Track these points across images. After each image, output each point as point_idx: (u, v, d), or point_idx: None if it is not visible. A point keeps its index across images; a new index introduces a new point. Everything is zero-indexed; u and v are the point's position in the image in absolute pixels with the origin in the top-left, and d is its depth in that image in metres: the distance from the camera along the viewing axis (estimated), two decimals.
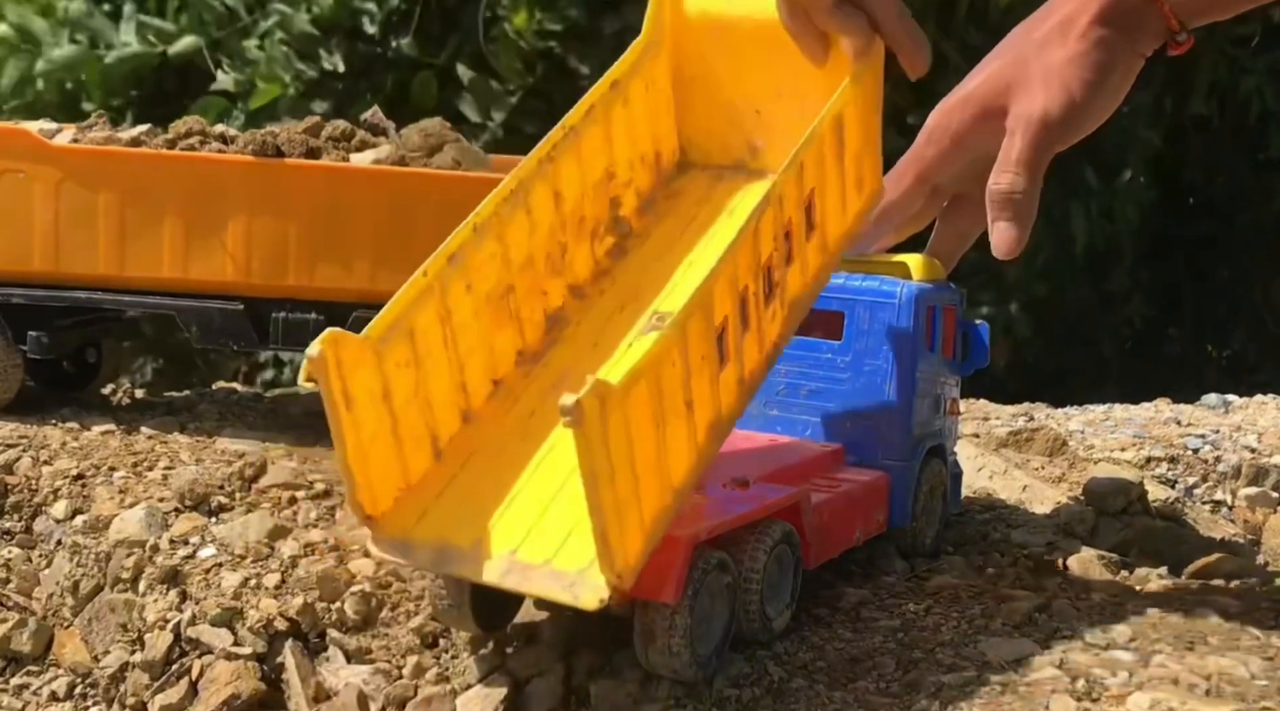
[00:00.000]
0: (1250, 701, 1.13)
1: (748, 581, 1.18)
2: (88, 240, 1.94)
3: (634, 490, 0.99)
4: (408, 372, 1.14)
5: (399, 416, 1.13)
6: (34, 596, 1.67)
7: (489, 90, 3.47)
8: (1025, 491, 1.82)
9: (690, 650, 1.12)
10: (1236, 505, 2.11)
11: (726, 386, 1.13)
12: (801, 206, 1.19)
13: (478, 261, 1.23)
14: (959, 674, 1.22)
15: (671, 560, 1.06)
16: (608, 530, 0.96)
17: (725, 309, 1.09)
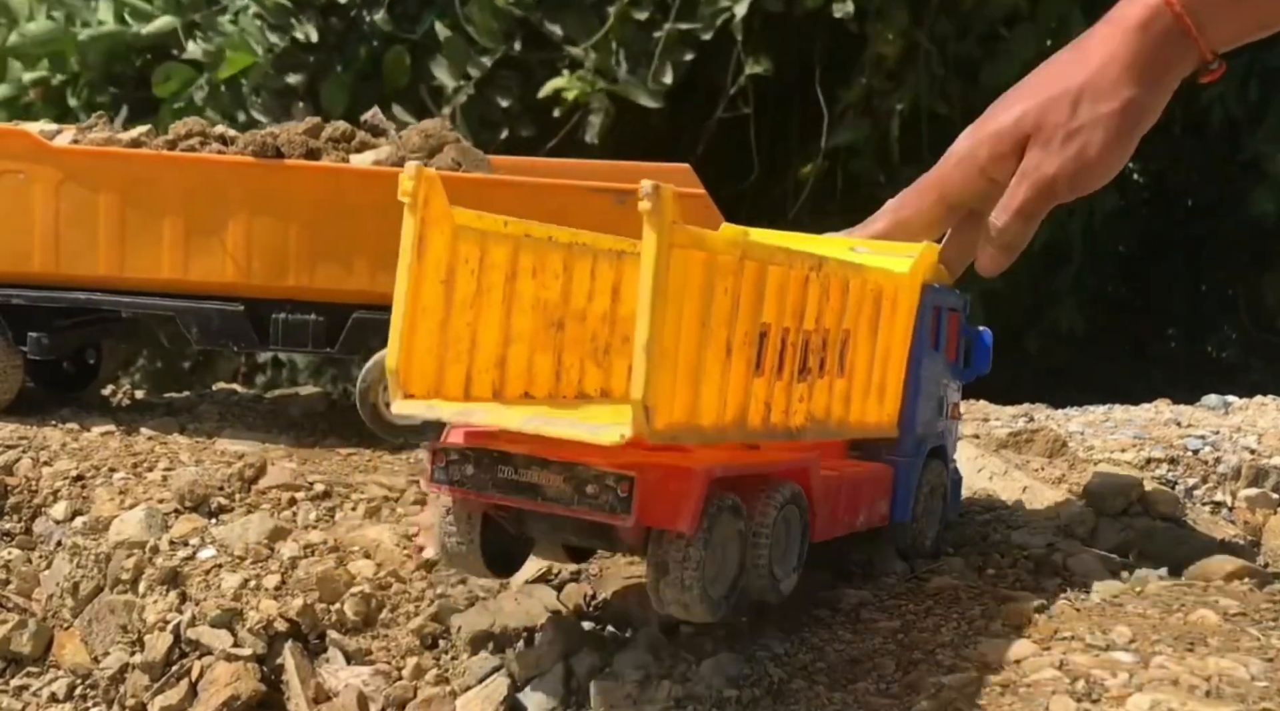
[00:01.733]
0: (1250, 702, 1.13)
1: (758, 534, 1.19)
2: (88, 241, 1.94)
3: (676, 350, 1.02)
4: (469, 279, 1.16)
5: (452, 313, 1.15)
6: (34, 597, 1.66)
7: (464, 50, 3.43)
8: (1025, 492, 1.82)
9: (702, 586, 1.12)
10: (1236, 506, 2.11)
11: (755, 391, 1.15)
12: (839, 329, 1.26)
13: (550, 264, 1.25)
14: (959, 674, 1.22)
15: (688, 490, 1.07)
16: (654, 356, 0.98)
17: (772, 315, 1.13)
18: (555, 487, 1.11)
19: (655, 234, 0.98)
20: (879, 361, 1.34)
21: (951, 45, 3.64)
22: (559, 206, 1.96)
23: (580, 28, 3.43)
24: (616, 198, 1.90)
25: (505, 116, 3.56)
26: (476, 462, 1.13)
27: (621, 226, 1.94)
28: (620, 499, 1.08)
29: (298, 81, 3.59)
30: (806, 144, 3.84)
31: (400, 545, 1.54)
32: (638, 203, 1.02)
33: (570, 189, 1.92)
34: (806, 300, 1.19)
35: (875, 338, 1.33)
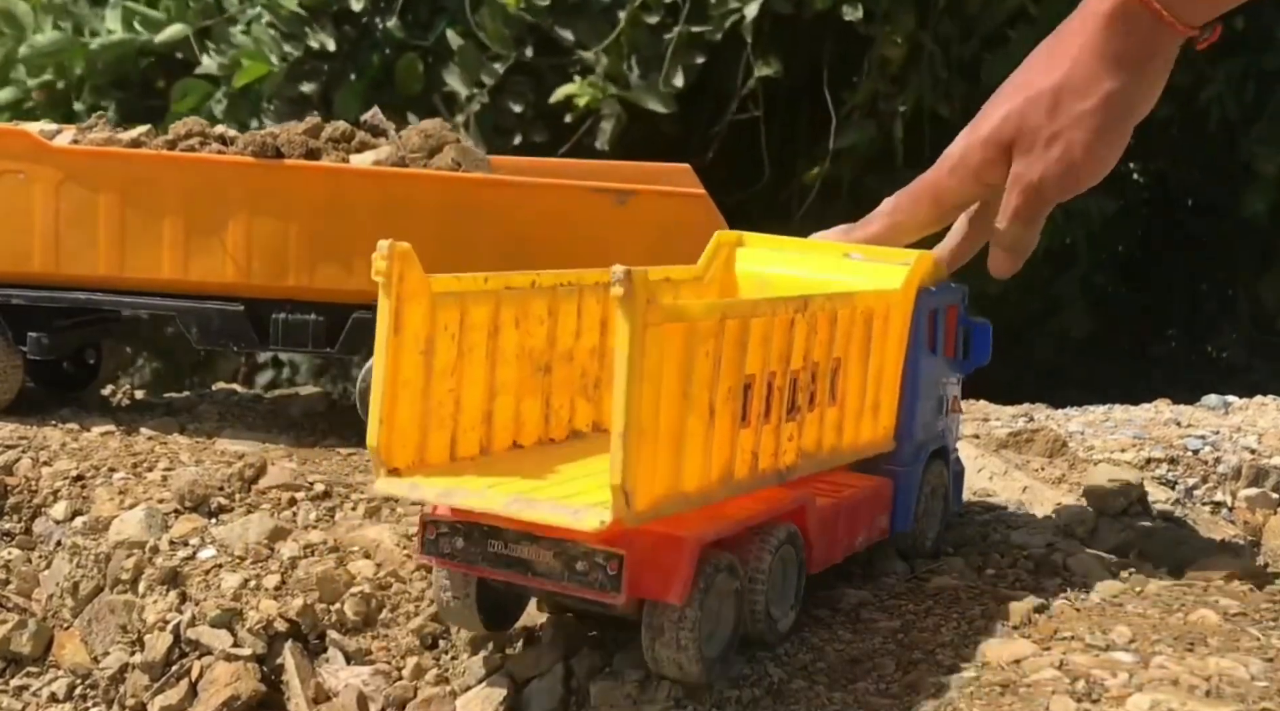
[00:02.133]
0: (1250, 702, 1.13)
1: (754, 582, 1.19)
2: (88, 241, 1.94)
3: (656, 425, 1.01)
4: (449, 345, 1.15)
5: (433, 381, 1.14)
6: (34, 597, 1.67)
7: (477, 58, 3.44)
8: (1025, 492, 1.82)
9: (698, 650, 1.12)
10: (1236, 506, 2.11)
11: (742, 443, 1.15)
12: (829, 360, 1.25)
13: (534, 310, 1.25)
14: (959, 674, 1.22)
15: (679, 561, 1.08)
16: (631, 441, 0.98)
17: (756, 365, 1.13)
18: (545, 563, 1.11)
19: (629, 323, 0.98)
20: (872, 381, 1.34)
21: (955, 47, 3.64)
22: (559, 206, 1.96)
23: (591, 32, 3.43)
24: (617, 198, 1.90)
25: (518, 122, 3.56)
26: (466, 536, 1.14)
27: (622, 226, 1.95)
28: (610, 577, 1.08)
29: (312, 90, 3.59)
30: (814, 147, 3.84)
31: (400, 545, 1.55)
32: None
33: (570, 189, 1.92)
34: (793, 342, 1.19)
35: (868, 360, 1.33)
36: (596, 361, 1.33)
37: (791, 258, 1.48)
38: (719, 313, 1.08)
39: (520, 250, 1.97)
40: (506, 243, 1.97)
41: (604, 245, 1.95)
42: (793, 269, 1.47)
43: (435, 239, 1.97)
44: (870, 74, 3.58)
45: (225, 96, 3.58)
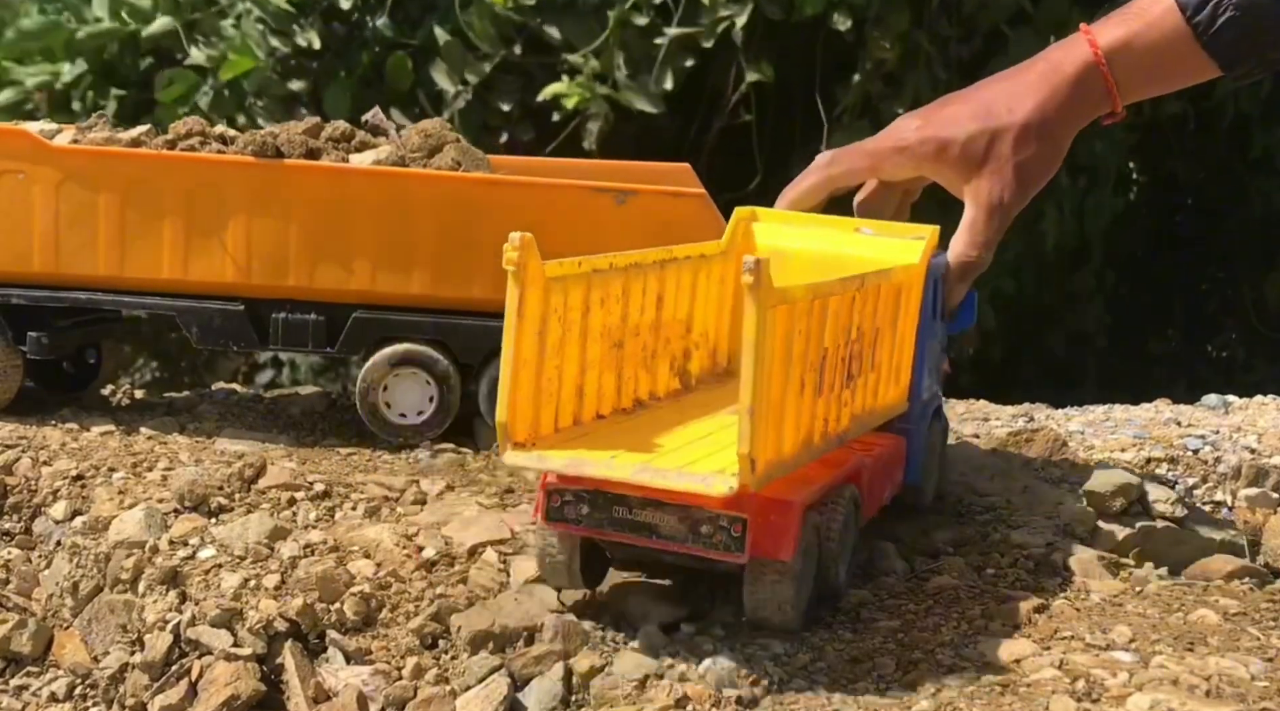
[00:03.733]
0: (1250, 702, 1.13)
1: (827, 539, 1.30)
2: (88, 241, 1.94)
3: (781, 401, 1.14)
4: (557, 326, 1.24)
5: (545, 360, 1.23)
6: (33, 597, 1.67)
7: (462, 55, 3.43)
8: (1025, 492, 1.82)
9: (797, 600, 1.26)
10: (1236, 506, 2.11)
11: (817, 412, 1.26)
12: (872, 331, 1.37)
13: (612, 290, 1.33)
14: (959, 674, 1.22)
15: (789, 523, 1.20)
16: (759, 413, 1.09)
17: (829, 340, 1.24)
18: (670, 527, 1.22)
19: (757, 307, 1.09)
20: (897, 348, 1.45)
21: (954, 47, 3.64)
22: (559, 206, 1.96)
23: (580, 32, 3.43)
24: (617, 198, 1.90)
25: (505, 120, 3.56)
26: (591, 503, 1.24)
27: (622, 226, 1.95)
28: (734, 538, 1.19)
29: (301, 87, 3.59)
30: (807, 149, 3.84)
31: (400, 545, 1.55)
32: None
33: (570, 188, 1.92)
34: (853, 317, 1.31)
35: (895, 329, 1.45)
36: (653, 335, 1.43)
37: (805, 232, 1.57)
38: (811, 293, 1.19)
39: None
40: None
41: (604, 244, 1.95)
42: (808, 243, 1.56)
43: (435, 239, 1.97)
44: (863, 77, 3.58)
45: (211, 89, 3.56)
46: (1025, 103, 1.49)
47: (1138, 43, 1.47)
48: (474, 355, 2.00)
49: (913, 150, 1.53)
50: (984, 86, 1.55)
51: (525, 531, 1.59)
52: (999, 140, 1.48)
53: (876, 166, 1.57)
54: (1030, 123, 1.48)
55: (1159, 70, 1.49)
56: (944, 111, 1.55)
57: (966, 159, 1.49)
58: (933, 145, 1.52)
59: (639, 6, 3.37)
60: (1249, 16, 1.41)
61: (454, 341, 1.99)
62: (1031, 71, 1.52)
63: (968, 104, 1.53)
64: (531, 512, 1.35)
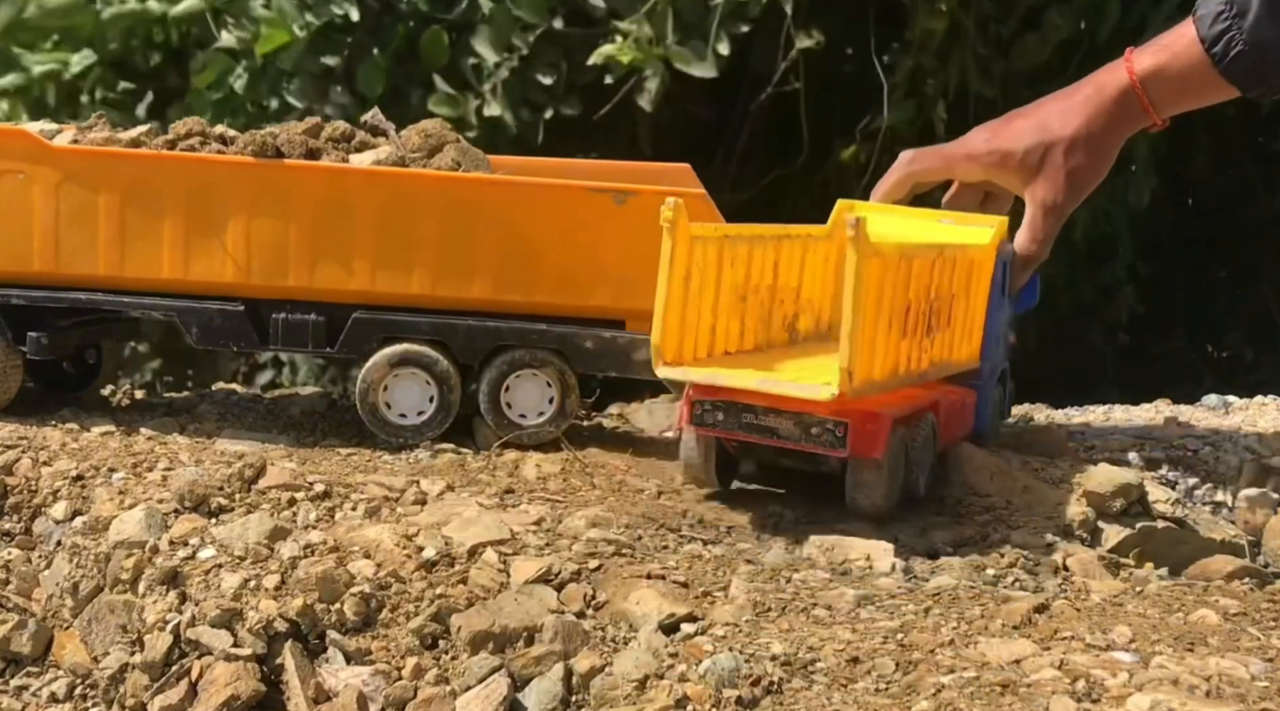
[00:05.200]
0: (1251, 702, 1.13)
1: (912, 451, 1.66)
2: (88, 241, 1.94)
3: (873, 335, 1.48)
4: (698, 276, 1.59)
5: (689, 302, 1.59)
6: (33, 597, 1.67)
7: (509, 23, 3.37)
8: (1025, 492, 1.82)
9: (888, 493, 1.62)
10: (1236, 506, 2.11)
11: (902, 350, 1.60)
12: (947, 297, 1.69)
13: (740, 254, 1.68)
14: (959, 674, 1.22)
15: (881, 429, 1.56)
16: (856, 336, 1.43)
17: (913, 294, 1.57)
18: (787, 429, 1.59)
19: (858, 254, 1.42)
20: (969, 313, 1.77)
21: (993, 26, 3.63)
22: (559, 206, 1.97)
23: (625, 2, 3.37)
24: (616, 198, 1.91)
25: (548, 95, 3.50)
26: (725, 410, 1.61)
27: (622, 226, 1.95)
28: (838, 438, 1.56)
29: (335, 63, 3.53)
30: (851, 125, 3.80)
31: (400, 545, 1.55)
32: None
33: (570, 189, 1.93)
34: (932, 279, 1.63)
35: (968, 297, 1.77)
36: (770, 296, 1.76)
37: (897, 223, 1.86)
38: (900, 252, 1.53)
39: (520, 249, 1.98)
40: (507, 242, 1.97)
41: (604, 245, 1.96)
42: (898, 230, 1.83)
43: (435, 239, 1.97)
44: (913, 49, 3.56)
45: (246, 71, 3.51)
46: (1074, 119, 1.78)
47: (1168, 69, 1.74)
48: (474, 355, 2.01)
49: (980, 158, 1.84)
50: (1041, 105, 1.83)
51: (525, 532, 1.59)
52: (1052, 151, 1.78)
53: (950, 168, 1.88)
54: (1078, 136, 1.77)
55: (1187, 91, 1.76)
56: (1008, 126, 1.83)
57: (1025, 167, 1.79)
58: (997, 155, 1.82)
59: None
60: (1256, 51, 1.66)
61: (454, 341, 1.99)
62: (1080, 93, 1.80)
63: (1028, 120, 1.82)
64: (675, 423, 1.78)
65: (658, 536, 1.60)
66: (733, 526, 1.66)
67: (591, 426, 2.28)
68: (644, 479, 1.87)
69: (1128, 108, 1.77)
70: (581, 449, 1.98)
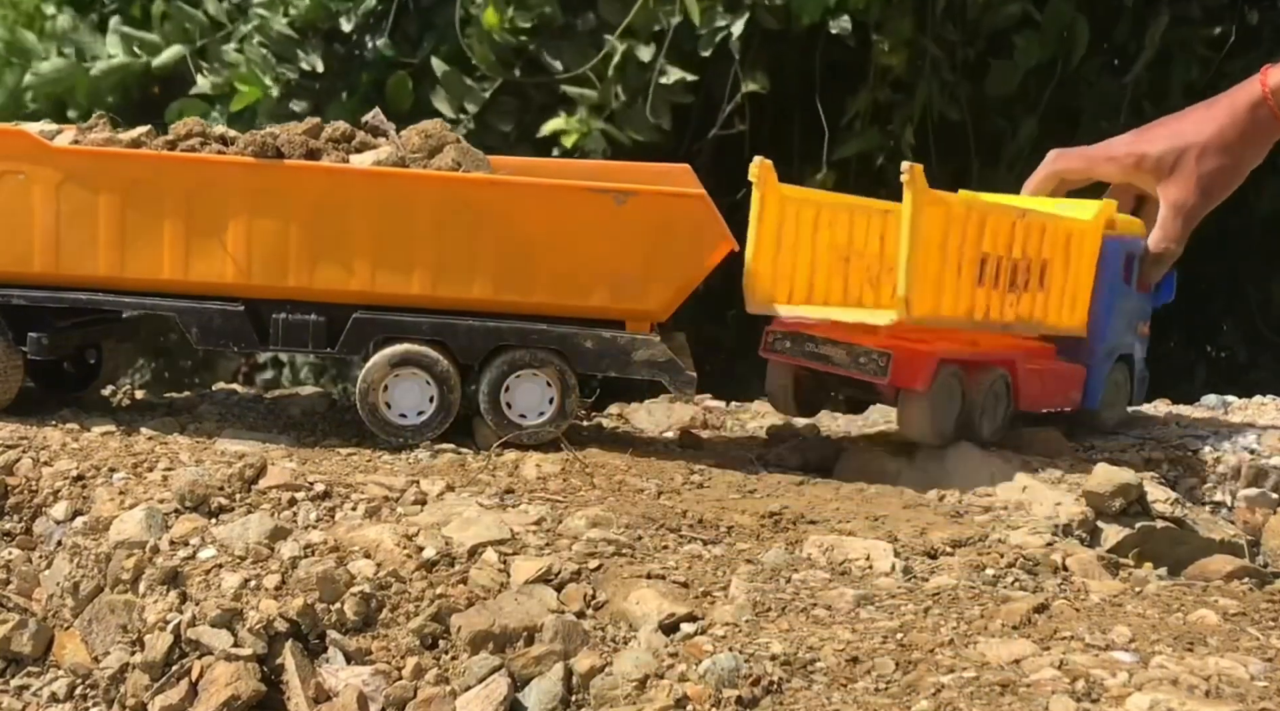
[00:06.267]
0: (1250, 702, 1.13)
1: (970, 398, 1.90)
2: (88, 241, 1.94)
3: (925, 267, 1.71)
4: (791, 230, 1.92)
5: (780, 253, 1.91)
6: (34, 597, 1.67)
7: (461, 84, 3.49)
8: (1025, 492, 1.82)
9: (931, 421, 1.84)
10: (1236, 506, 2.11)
11: (979, 297, 1.84)
12: (1038, 260, 1.92)
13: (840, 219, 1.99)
14: (959, 674, 1.22)
15: (923, 365, 1.79)
16: (911, 273, 1.69)
17: (990, 246, 1.83)
18: (840, 357, 1.84)
19: (912, 195, 1.67)
20: (1071, 281, 1.96)
21: (960, 51, 3.66)
22: (560, 207, 1.97)
23: (577, 57, 3.47)
24: (616, 198, 1.91)
25: (505, 143, 3.60)
26: (792, 340, 1.90)
27: (622, 226, 1.95)
28: (882, 366, 1.78)
29: (303, 109, 3.62)
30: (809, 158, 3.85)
31: (400, 545, 1.55)
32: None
33: (570, 189, 1.93)
34: (1014, 238, 1.85)
35: (1067, 266, 1.97)
36: (877, 262, 1.96)
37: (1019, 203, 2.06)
38: (967, 205, 1.78)
39: (521, 250, 1.98)
40: (507, 242, 1.97)
41: (604, 244, 1.96)
42: None
43: (436, 239, 1.97)
44: (871, 82, 3.60)
45: (221, 116, 3.61)
46: (1209, 127, 1.95)
47: None
48: (474, 355, 2.01)
49: (1119, 160, 2.03)
50: (1181, 115, 2.01)
51: (525, 532, 1.59)
52: (1186, 155, 1.95)
53: (1091, 168, 2.06)
54: (1211, 142, 1.94)
55: None
56: (1150, 131, 2.02)
57: (1159, 169, 1.96)
58: (1134, 157, 2.01)
59: (636, 34, 3.39)
60: None
61: (454, 341, 1.99)
62: (1217, 104, 1.98)
63: (1166, 127, 2.00)
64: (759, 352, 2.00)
65: (658, 536, 1.60)
66: (733, 526, 1.67)
67: (591, 426, 2.28)
68: (644, 479, 1.87)
69: (1260, 117, 1.94)
70: (581, 449, 1.98)
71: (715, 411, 2.47)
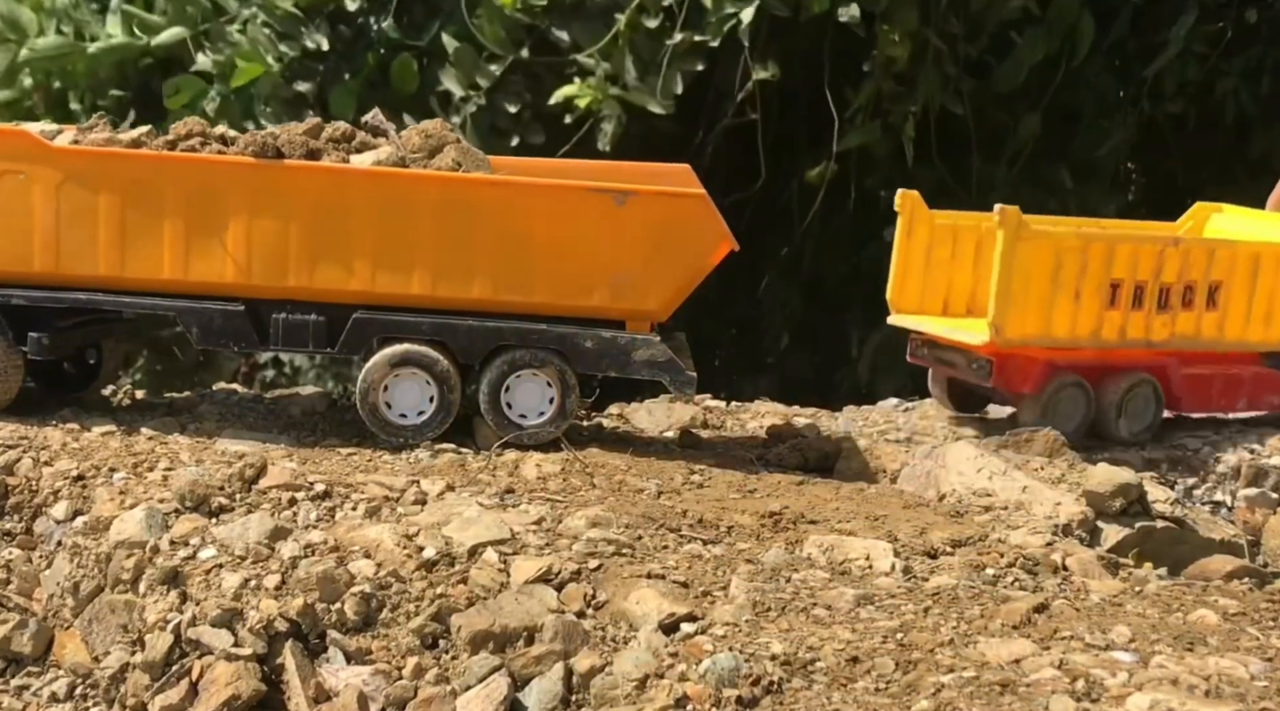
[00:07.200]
0: (1250, 702, 1.13)
1: (1104, 401, 2.42)
2: (88, 241, 1.94)
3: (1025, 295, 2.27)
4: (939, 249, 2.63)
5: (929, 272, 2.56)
6: (34, 597, 1.67)
7: (473, 60, 3.49)
8: (1025, 492, 1.82)
9: (1042, 423, 2.23)
10: (1236, 506, 2.11)
11: (1109, 318, 2.39)
12: (1205, 280, 2.36)
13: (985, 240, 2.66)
14: (959, 674, 1.22)
15: (1031, 370, 2.40)
16: (999, 297, 2.33)
17: (1121, 272, 2.40)
18: (960, 362, 2.45)
19: (1005, 235, 2.30)
20: (1261, 299, 2.23)
21: (962, 45, 3.67)
22: (560, 207, 1.97)
23: (588, 34, 3.48)
24: (616, 198, 1.91)
25: (515, 123, 3.60)
26: (928, 346, 2.56)
27: (622, 225, 1.95)
28: (985, 372, 2.39)
29: (307, 89, 3.63)
30: (816, 148, 3.87)
31: (400, 545, 1.55)
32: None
33: (570, 189, 1.93)
34: (1163, 264, 2.28)
35: (1254, 283, 2.33)
36: None
37: (1257, 226, 2.43)
38: (1083, 238, 2.39)
39: (521, 249, 1.98)
40: (507, 242, 1.98)
41: (604, 244, 1.96)
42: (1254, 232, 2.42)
43: (436, 239, 1.97)
44: (874, 74, 3.62)
45: (219, 94, 3.60)
46: None
47: None
48: (474, 355, 2.01)
49: None
50: None
51: (525, 532, 1.60)
52: None
53: None
54: None
55: None
56: None
57: None
58: None
59: (646, 9, 3.40)
60: None
61: (454, 341, 2.00)
62: None
63: None
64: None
65: (658, 536, 1.60)
66: (733, 526, 1.67)
67: (591, 426, 2.28)
68: (644, 479, 1.87)
69: None
70: (581, 449, 1.99)
71: (715, 411, 2.47)
